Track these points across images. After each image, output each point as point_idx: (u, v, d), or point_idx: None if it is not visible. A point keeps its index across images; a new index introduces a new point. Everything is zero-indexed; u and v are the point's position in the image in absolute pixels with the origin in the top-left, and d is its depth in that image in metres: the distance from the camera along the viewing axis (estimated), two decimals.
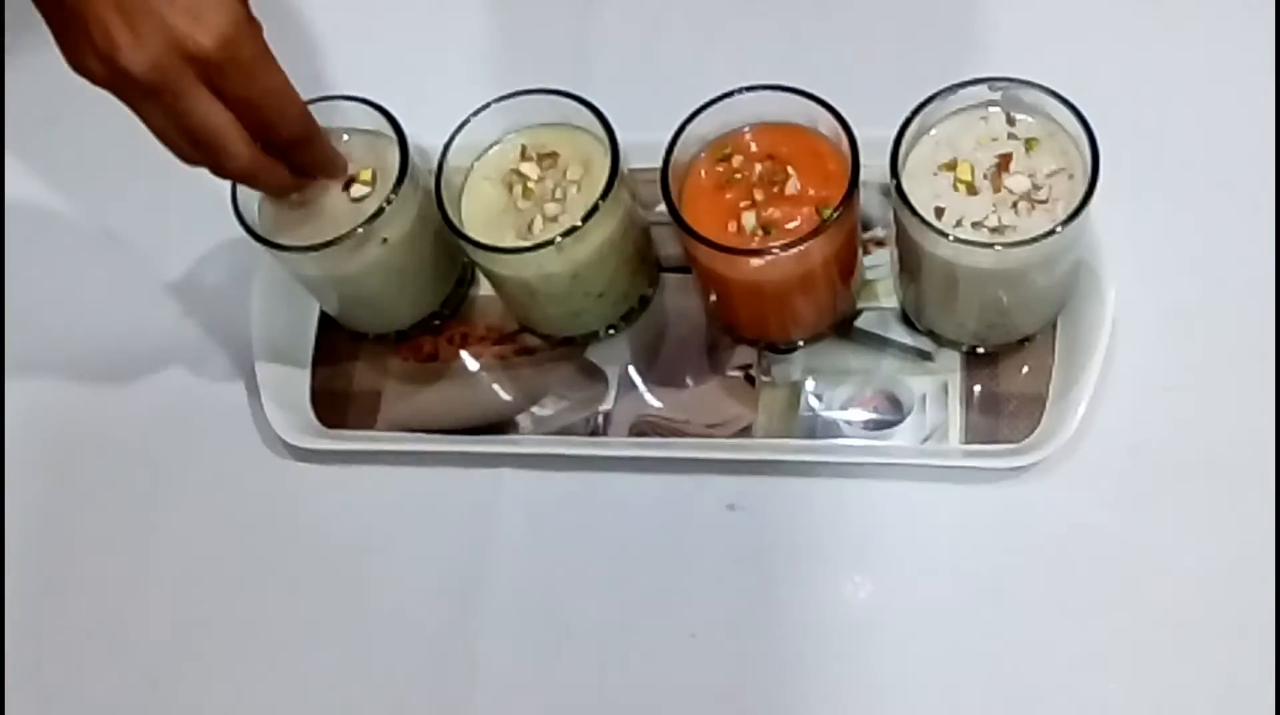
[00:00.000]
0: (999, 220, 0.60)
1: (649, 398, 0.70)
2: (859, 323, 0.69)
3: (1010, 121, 0.62)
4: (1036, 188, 0.60)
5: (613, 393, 0.71)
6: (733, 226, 0.62)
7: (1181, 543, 0.63)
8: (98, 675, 0.71)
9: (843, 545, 0.66)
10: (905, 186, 0.60)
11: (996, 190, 0.60)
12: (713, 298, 0.68)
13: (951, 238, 0.58)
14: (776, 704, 0.63)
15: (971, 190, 0.61)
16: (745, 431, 0.68)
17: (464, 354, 0.73)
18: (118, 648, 0.71)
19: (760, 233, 0.62)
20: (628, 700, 0.65)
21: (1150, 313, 0.67)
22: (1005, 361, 0.67)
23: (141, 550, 0.74)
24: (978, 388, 0.67)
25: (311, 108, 0.68)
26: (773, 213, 0.62)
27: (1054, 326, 0.67)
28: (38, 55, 0.87)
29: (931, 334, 0.68)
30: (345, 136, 0.69)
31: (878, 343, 0.69)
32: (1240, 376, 0.65)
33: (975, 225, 0.60)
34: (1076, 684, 0.61)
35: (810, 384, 0.68)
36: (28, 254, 0.84)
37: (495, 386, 0.73)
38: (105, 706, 0.70)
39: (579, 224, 0.62)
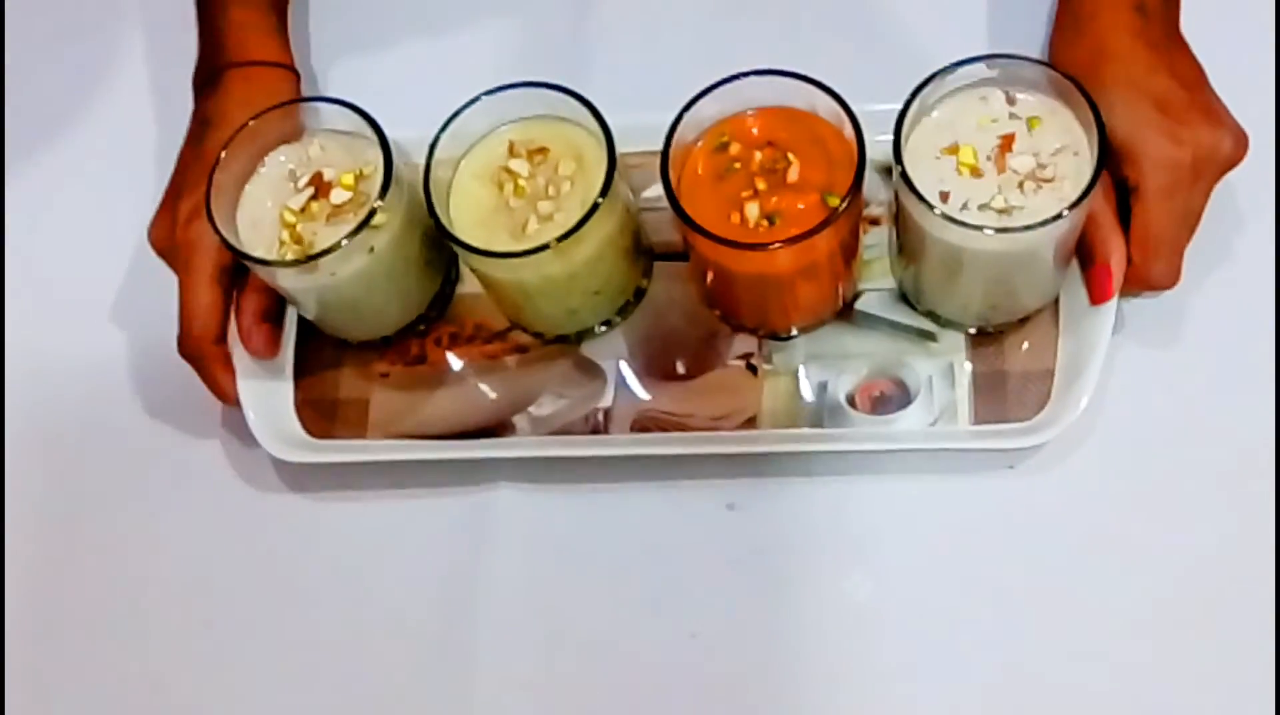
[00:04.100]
0: (1005, 201, 0.59)
1: (649, 392, 0.69)
2: (859, 305, 0.68)
3: (1010, 100, 0.61)
4: (1041, 167, 0.59)
5: (611, 389, 0.69)
6: (735, 217, 0.61)
7: (1192, 524, 0.63)
8: (93, 684, 0.69)
9: (843, 542, 0.66)
10: (910, 173, 0.59)
11: (1001, 171, 0.60)
12: (711, 286, 0.67)
13: (970, 225, 0.57)
14: (777, 704, 0.63)
15: (975, 173, 0.60)
16: (750, 422, 0.67)
17: (453, 356, 0.71)
18: (107, 662, 0.69)
19: (765, 223, 0.60)
20: (628, 700, 0.64)
21: None
22: (1010, 339, 0.66)
23: (128, 566, 0.72)
24: (983, 367, 0.66)
25: (286, 110, 0.66)
26: (776, 202, 0.60)
27: (1055, 299, 0.66)
28: (38, 56, 0.85)
29: (931, 315, 0.67)
30: (320, 146, 0.66)
31: (879, 325, 0.68)
32: (1245, 349, 0.66)
33: (982, 208, 0.59)
34: (1079, 681, 0.61)
35: (814, 370, 0.67)
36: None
37: (488, 388, 0.70)
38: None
39: (579, 224, 0.60)
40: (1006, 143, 0.60)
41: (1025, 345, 0.66)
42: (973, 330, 0.67)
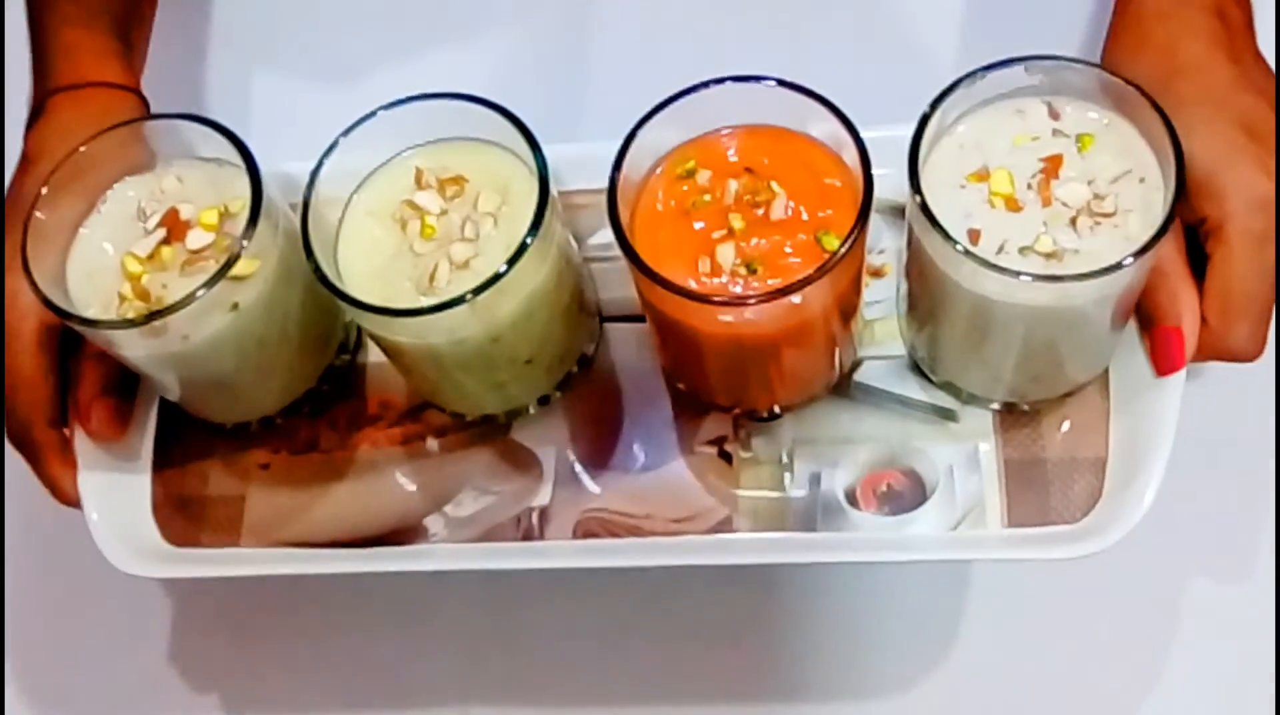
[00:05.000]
0: (1054, 242, 0.46)
1: (597, 487, 0.55)
2: (859, 376, 0.55)
3: (1054, 114, 0.48)
4: (1099, 197, 0.47)
5: (549, 484, 0.56)
6: (705, 264, 0.48)
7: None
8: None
9: None
10: (930, 205, 0.46)
11: (1046, 204, 0.47)
12: (674, 354, 0.54)
13: (1009, 271, 0.44)
14: (777, 705, 0.61)
15: (1012, 205, 0.47)
16: (724, 525, 0.54)
17: (352, 441, 0.58)
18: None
19: (743, 271, 0.47)
20: (627, 702, 0.62)
21: None
22: (1048, 418, 0.54)
23: None
24: (1016, 454, 0.53)
25: (132, 133, 0.54)
26: (759, 244, 0.47)
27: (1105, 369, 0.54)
28: None
29: (951, 388, 0.54)
30: (177, 177, 0.53)
31: (885, 401, 0.55)
32: None
33: (1023, 251, 0.46)
34: (1081, 686, 0.59)
35: (804, 459, 0.54)
36: None
37: (396, 481, 0.57)
38: None
39: (501, 271, 0.46)
40: (1052, 167, 0.47)
41: (1066, 426, 0.54)
42: (996, 405, 0.54)
